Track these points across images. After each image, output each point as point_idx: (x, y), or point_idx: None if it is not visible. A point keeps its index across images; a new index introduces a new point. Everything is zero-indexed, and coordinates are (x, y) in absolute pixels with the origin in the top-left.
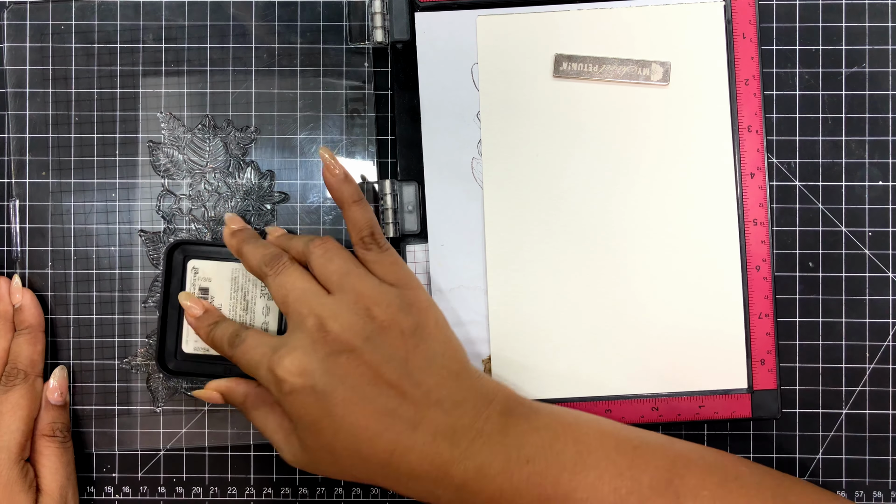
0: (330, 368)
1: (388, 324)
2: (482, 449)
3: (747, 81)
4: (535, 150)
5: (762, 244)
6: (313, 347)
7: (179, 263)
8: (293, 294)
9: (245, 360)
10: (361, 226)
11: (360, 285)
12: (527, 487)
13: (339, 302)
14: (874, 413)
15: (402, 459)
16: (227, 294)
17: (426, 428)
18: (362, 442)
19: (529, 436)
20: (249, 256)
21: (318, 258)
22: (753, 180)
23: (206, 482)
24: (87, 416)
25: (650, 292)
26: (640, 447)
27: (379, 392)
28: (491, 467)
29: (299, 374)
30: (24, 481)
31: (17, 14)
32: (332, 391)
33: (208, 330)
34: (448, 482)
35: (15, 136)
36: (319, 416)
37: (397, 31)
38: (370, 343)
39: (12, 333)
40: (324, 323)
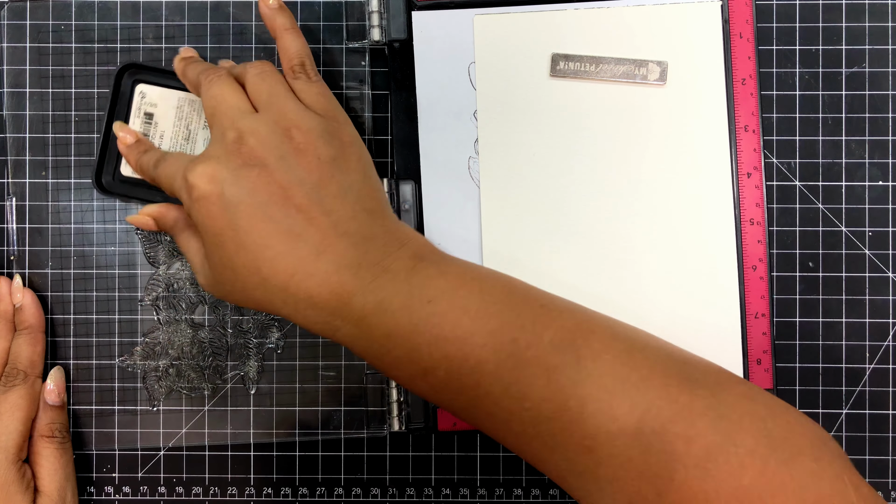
0: (239, 179)
1: (305, 147)
2: (385, 285)
3: (744, 81)
4: (531, 150)
5: (759, 244)
6: (227, 158)
7: (128, 86)
8: (221, 107)
9: (164, 175)
10: (292, 54)
11: (285, 107)
12: (425, 326)
13: (261, 119)
14: (874, 413)
15: (302, 285)
16: (170, 122)
17: (330, 257)
18: (262, 260)
19: (436, 279)
20: (190, 72)
21: (254, 76)
22: (750, 180)
23: (206, 482)
24: (86, 416)
25: (646, 292)
26: (547, 305)
27: (286, 213)
28: (391, 303)
29: (209, 181)
30: (21, 482)
31: (16, 13)
32: (238, 202)
33: (137, 156)
34: (347, 313)
35: (13, 136)
36: (223, 226)
37: (394, 30)
38: (284, 162)
39: (12, 334)
40: (242, 136)
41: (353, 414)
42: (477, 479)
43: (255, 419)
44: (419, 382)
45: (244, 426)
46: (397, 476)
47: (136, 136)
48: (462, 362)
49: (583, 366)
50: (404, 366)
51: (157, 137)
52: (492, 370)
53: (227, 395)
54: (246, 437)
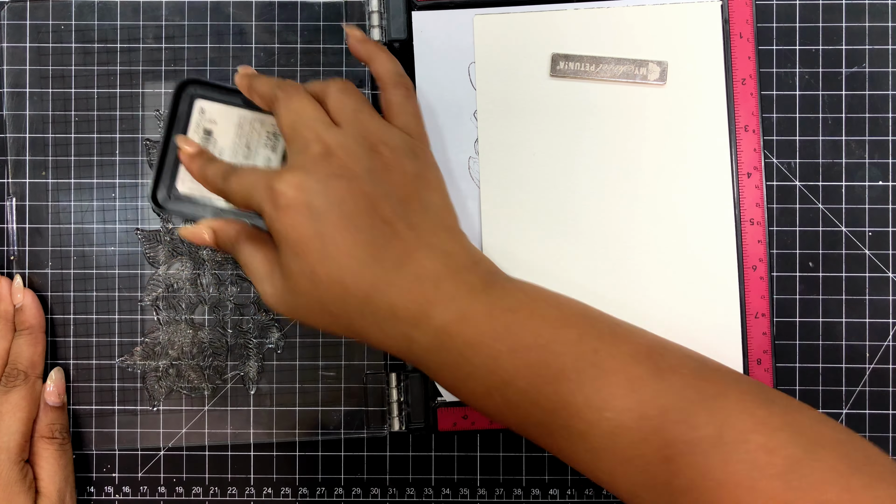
0: (328, 189)
1: (393, 163)
2: (466, 296)
3: (744, 81)
4: (531, 150)
5: (759, 244)
6: (315, 167)
7: (188, 101)
8: (302, 119)
9: (239, 187)
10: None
11: (371, 123)
12: (506, 334)
13: (347, 133)
14: (874, 413)
15: (384, 295)
16: (230, 139)
17: (412, 268)
18: (346, 270)
19: (514, 292)
20: (261, 85)
21: (337, 91)
22: (750, 180)
23: (206, 482)
24: (86, 416)
25: (646, 292)
26: (621, 325)
27: (372, 224)
28: (472, 312)
29: (297, 189)
30: (23, 482)
31: (16, 13)
32: (326, 211)
33: (201, 165)
34: (427, 324)
35: (13, 136)
36: (309, 235)
37: (394, 30)
38: (371, 175)
39: (13, 334)
40: (329, 148)
41: (354, 414)
42: (477, 479)
43: (255, 419)
44: (496, 396)
45: (244, 426)
46: (397, 476)
47: (198, 147)
48: (543, 370)
49: (662, 377)
50: (483, 377)
51: (217, 154)
52: (573, 378)
53: (227, 395)
54: (246, 437)
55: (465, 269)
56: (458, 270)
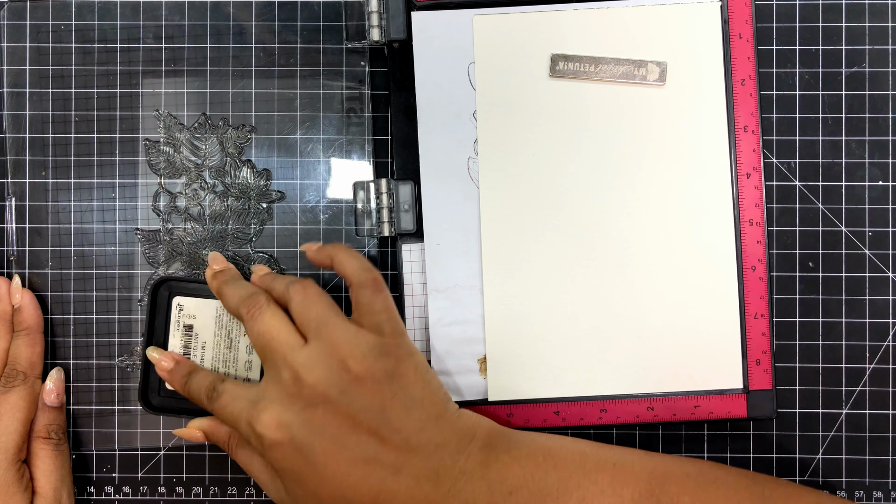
0: (307, 421)
1: (363, 375)
2: (466, 487)
3: (743, 81)
4: (531, 150)
5: (758, 244)
6: (290, 401)
7: (165, 299)
8: (269, 344)
9: (225, 415)
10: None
11: (336, 335)
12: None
13: (313, 353)
14: (874, 413)
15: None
16: (211, 332)
17: (409, 472)
18: (346, 488)
19: (511, 468)
20: (228, 297)
21: (298, 304)
22: (749, 180)
23: (206, 482)
24: (86, 416)
25: (645, 292)
26: (618, 464)
27: (358, 440)
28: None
29: (277, 429)
30: (20, 483)
31: (15, 13)
32: (311, 443)
33: (183, 382)
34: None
35: (12, 136)
36: (301, 466)
37: (394, 30)
38: (345, 395)
39: (11, 334)
40: (299, 376)
41: None
42: None
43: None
44: None
45: None
46: None
47: (173, 358)
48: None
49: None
50: None
51: (199, 349)
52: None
53: None
54: None
55: (461, 453)
56: (453, 461)
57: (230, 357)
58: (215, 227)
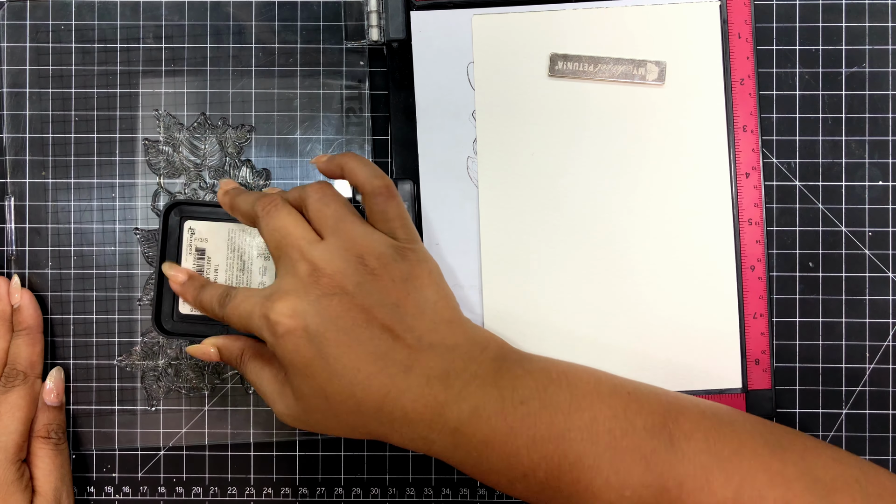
0: (322, 310)
1: (380, 271)
2: (476, 391)
3: (743, 81)
4: (530, 150)
5: (757, 244)
6: (305, 290)
7: (176, 224)
8: (286, 239)
9: (237, 314)
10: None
11: (354, 232)
12: (521, 427)
13: (331, 247)
14: (874, 413)
15: (396, 402)
16: (223, 255)
17: (420, 370)
18: (356, 384)
19: (524, 379)
20: (241, 203)
21: (316, 201)
22: (748, 180)
23: (206, 482)
24: (85, 416)
25: (645, 292)
26: (634, 392)
27: (371, 334)
28: (485, 408)
29: (291, 316)
30: (20, 482)
31: (15, 13)
32: (324, 332)
33: (195, 293)
34: (442, 425)
35: (12, 136)
36: (312, 357)
37: (393, 30)
38: (361, 288)
39: (11, 334)
40: (316, 267)
41: None
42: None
43: (255, 419)
44: (517, 486)
45: (244, 426)
46: (397, 476)
47: (187, 273)
48: (561, 460)
49: (677, 447)
50: (503, 471)
51: (212, 272)
52: (591, 464)
53: (226, 394)
54: (246, 437)
55: (473, 360)
56: (465, 365)
57: (243, 279)
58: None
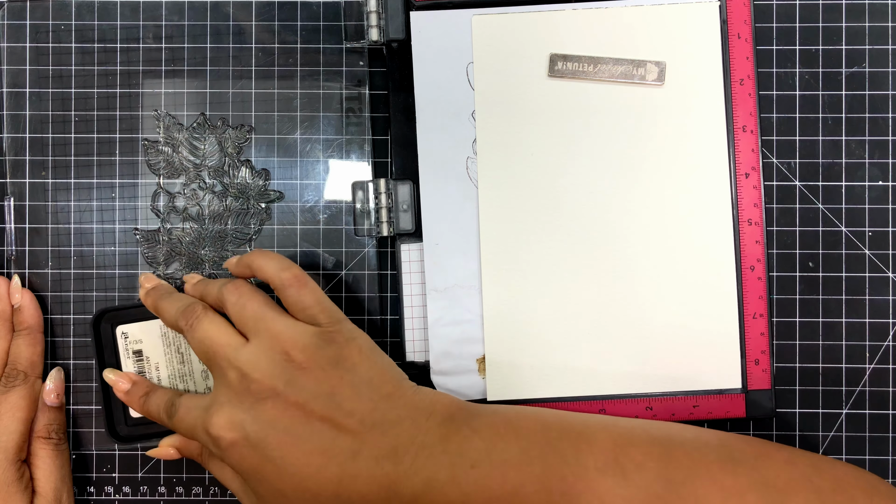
0: (258, 416)
1: (308, 364)
2: (426, 462)
3: (742, 81)
4: (530, 150)
5: (757, 244)
6: (239, 399)
7: (108, 331)
8: (212, 349)
9: (183, 428)
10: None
11: (275, 328)
12: (475, 491)
13: (255, 349)
14: (874, 413)
15: (351, 488)
16: (160, 351)
17: (367, 453)
18: (307, 479)
19: (471, 440)
20: (165, 312)
21: (233, 305)
22: (748, 180)
23: (206, 482)
24: (86, 416)
25: (644, 292)
26: (583, 433)
27: (312, 429)
28: (437, 479)
29: (230, 429)
30: (20, 482)
31: (15, 13)
32: (264, 437)
33: (141, 402)
34: (399, 500)
35: (12, 136)
36: (259, 463)
37: (392, 30)
38: (293, 385)
39: (12, 334)
40: (244, 373)
41: None
42: None
43: None
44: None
45: None
46: None
47: (129, 378)
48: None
49: (630, 480)
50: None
51: (154, 370)
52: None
53: None
54: None
55: (419, 429)
56: (412, 437)
57: (185, 371)
58: (214, 227)
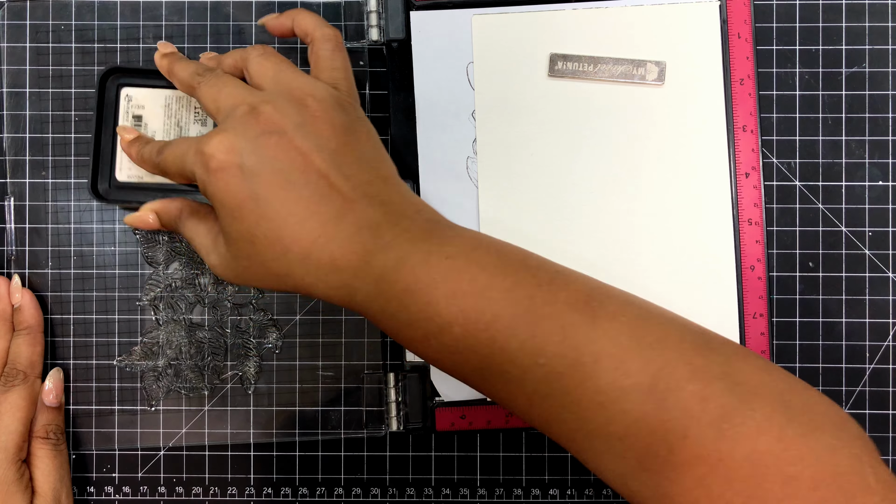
0: (259, 148)
1: (322, 115)
2: (405, 244)
3: (742, 81)
4: (530, 150)
5: (757, 244)
6: (244, 128)
7: (113, 91)
8: (224, 92)
9: (172, 157)
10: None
11: (295, 80)
12: (443, 280)
13: (272, 91)
14: (874, 413)
15: (324, 249)
16: (160, 121)
17: (351, 219)
18: (285, 229)
19: (454, 239)
20: (181, 71)
21: (257, 55)
22: (748, 180)
23: (206, 482)
24: (85, 416)
25: (645, 292)
26: (562, 272)
27: (307, 180)
28: (410, 259)
29: (227, 151)
30: (20, 482)
31: (15, 13)
32: (259, 170)
33: (138, 148)
34: (367, 272)
35: (12, 136)
36: (244, 197)
37: (392, 30)
38: (301, 129)
39: (11, 334)
40: (254, 106)
41: (352, 414)
42: (477, 479)
43: (255, 419)
44: (432, 342)
45: (244, 426)
46: (397, 476)
47: (135, 132)
48: (478, 316)
49: (598, 324)
50: (420, 323)
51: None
52: (507, 324)
53: (226, 395)
54: (245, 437)
55: (405, 216)
56: (397, 219)
57: None
58: None
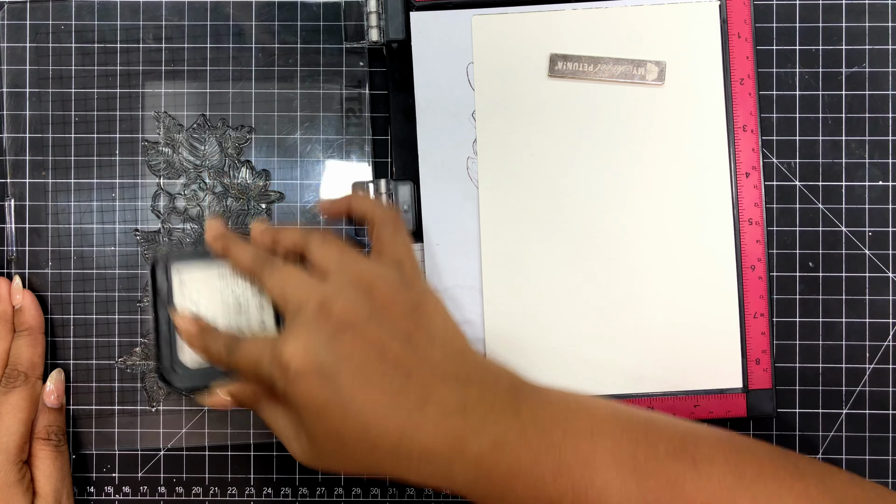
0: (335, 347)
1: (390, 302)
2: (496, 422)
3: (742, 81)
4: (530, 150)
5: (757, 244)
6: (317, 329)
7: (164, 273)
8: (290, 284)
9: (245, 360)
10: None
11: (360, 266)
12: (545, 457)
13: (337, 284)
14: (874, 413)
15: (414, 439)
16: (217, 298)
17: (436, 404)
18: (370, 424)
19: (542, 410)
20: (240, 256)
21: (318, 243)
22: (748, 180)
23: (206, 482)
24: (86, 417)
25: (645, 292)
26: (652, 421)
27: (385, 370)
28: (507, 439)
29: (304, 355)
30: (21, 483)
31: (15, 14)
32: (338, 371)
33: (203, 342)
34: (464, 458)
35: (12, 136)
36: (326, 399)
37: (392, 30)
38: (373, 321)
39: (12, 335)
40: (324, 304)
41: None
42: None
43: (255, 419)
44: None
45: (244, 426)
46: None
47: (193, 321)
48: (588, 487)
49: (701, 470)
50: (528, 502)
51: (210, 316)
52: (618, 489)
53: None
54: (246, 437)
55: (488, 390)
56: (481, 395)
57: (242, 321)
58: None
